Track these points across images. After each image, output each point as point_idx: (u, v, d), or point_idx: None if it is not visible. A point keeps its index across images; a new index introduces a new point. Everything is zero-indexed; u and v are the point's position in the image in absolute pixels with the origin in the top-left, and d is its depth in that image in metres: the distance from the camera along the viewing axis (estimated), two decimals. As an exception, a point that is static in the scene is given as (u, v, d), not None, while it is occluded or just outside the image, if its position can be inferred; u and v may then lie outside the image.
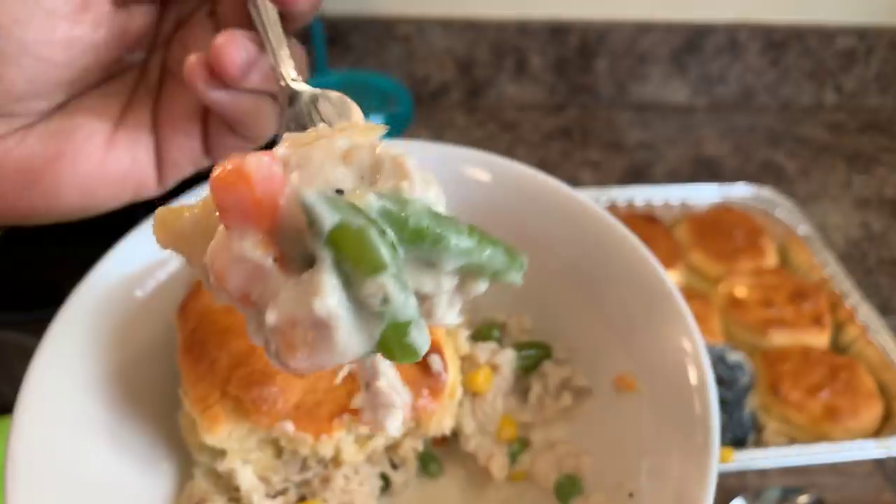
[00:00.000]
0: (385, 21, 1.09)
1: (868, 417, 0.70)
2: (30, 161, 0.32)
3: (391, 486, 0.42)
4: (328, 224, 0.23)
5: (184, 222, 0.26)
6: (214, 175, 0.24)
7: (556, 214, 0.44)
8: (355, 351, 0.24)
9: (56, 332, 0.38)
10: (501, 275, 0.27)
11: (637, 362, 0.40)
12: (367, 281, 0.23)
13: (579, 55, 1.14)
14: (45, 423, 0.35)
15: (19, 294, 0.75)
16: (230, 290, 0.25)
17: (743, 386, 0.71)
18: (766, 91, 1.20)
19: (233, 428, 0.35)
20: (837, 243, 0.96)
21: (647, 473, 0.36)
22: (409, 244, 0.24)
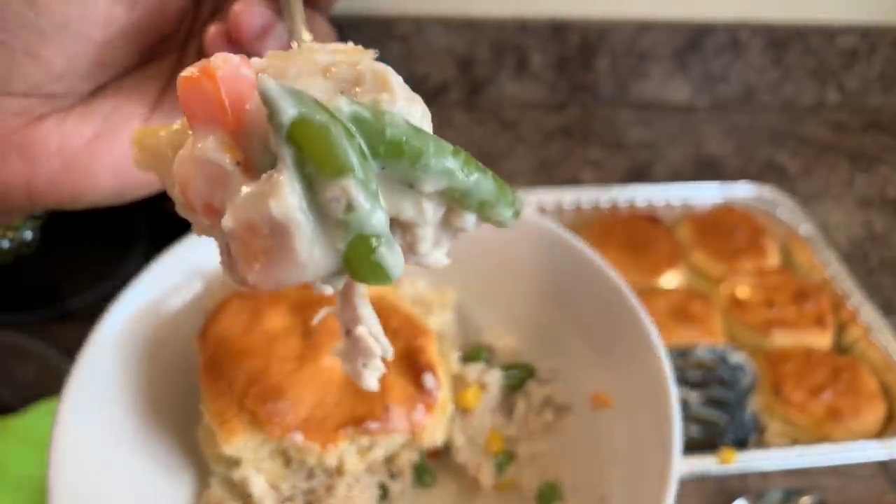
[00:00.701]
0: (384, 19, 1.08)
1: (870, 418, 0.69)
2: (68, 141, 0.33)
3: (389, 494, 0.45)
4: (288, 116, 0.21)
5: (160, 141, 0.25)
6: (182, 74, 0.23)
7: (540, 248, 0.48)
8: (319, 265, 0.23)
9: (89, 354, 0.41)
10: (490, 208, 0.25)
11: (611, 381, 0.45)
12: (329, 183, 0.21)
13: (580, 54, 1.13)
14: (83, 432, 0.39)
15: (17, 295, 0.75)
16: (193, 198, 0.24)
17: (745, 387, 0.71)
18: (768, 90, 1.19)
19: (248, 438, 0.39)
20: (840, 243, 0.95)
21: (617, 479, 0.41)
22: (385, 158, 0.23)
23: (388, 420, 0.40)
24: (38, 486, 0.58)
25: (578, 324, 0.47)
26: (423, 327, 0.45)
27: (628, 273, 0.81)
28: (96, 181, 0.34)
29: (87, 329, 0.46)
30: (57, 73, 0.31)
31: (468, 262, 0.49)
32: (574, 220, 0.90)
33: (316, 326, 0.43)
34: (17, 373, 0.68)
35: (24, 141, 0.32)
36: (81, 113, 0.33)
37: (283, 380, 0.40)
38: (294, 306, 0.44)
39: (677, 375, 0.71)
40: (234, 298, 0.44)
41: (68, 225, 0.43)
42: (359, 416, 0.40)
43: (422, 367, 0.42)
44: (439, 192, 0.24)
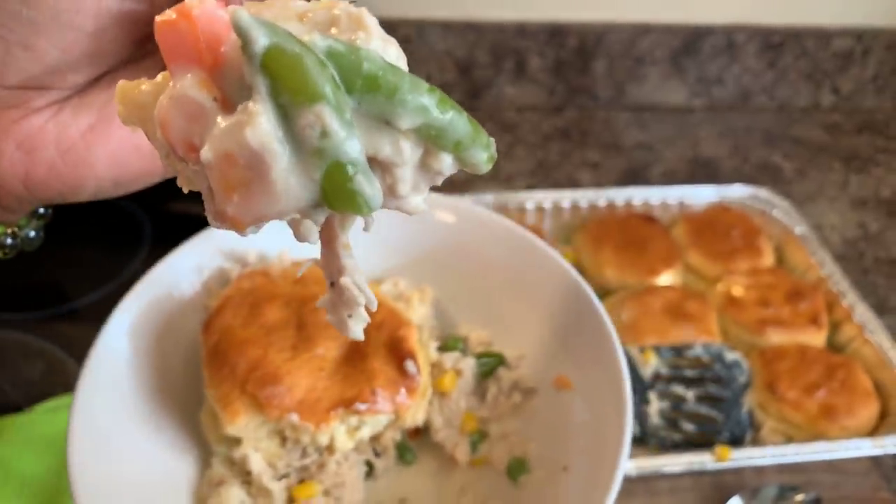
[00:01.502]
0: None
1: (864, 416, 0.70)
2: (65, 132, 0.33)
3: (374, 471, 0.49)
4: (260, 46, 0.21)
5: (143, 94, 0.26)
6: (158, 17, 0.24)
7: (508, 249, 0.53)
8: (296, 196, 0.23)
9: (102, 345, 0.45)
10: (466, 148, 0.26)
11: (572, 367, 0.50)
12: (303, 110, 0.22)
13: (578, 57, 1.14)
14: (98, 416, 0.43)
15: (22, 294, 0.76)
16: (173, 137, 0.24)
17: (740, 385, 0.72)
18: (764, 92, 1.20)
19: (249, 419, 0.43)
20: (834, 243, 0.96)
21: (578, 452, 0.46)
22: (361, 92, 0.23)
23: (375, 402, 0.44)
24: (44, 484, 0.59)
25: (542, 316, 0.52)
26: (405, 319, 0.49)
27: (625, 272, 0.82)
28: (94, 171, 0.34)
29: (92, 327, 0.47)
30: (51, 65, 0.31)
31: (444, 262, 0.55)
32: (572, 221, 0.90)
33: (308, 319, 0.47)
34: (22, 371, 0.69)
35: (21, 132, 0.32)
36: (77, 104, 0.34)
37: (280, 367, 0.44)
38: (288, 302, 0.48)
39: (673, 373, 0.71)
40: (235, 295, 0.48)
41: (74, 224, 0.44)
42: (348, 399, 0.44)
43: (404, 355, 0.46)
44: (415, 129, 0.24)
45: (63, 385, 0.67)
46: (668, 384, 0.71)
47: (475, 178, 1.03)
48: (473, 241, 0.55)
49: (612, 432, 0.43)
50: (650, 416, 0.69)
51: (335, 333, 0.46)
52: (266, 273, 0.50)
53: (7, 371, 0.69)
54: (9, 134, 0.32)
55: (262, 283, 0.49)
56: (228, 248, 0.53)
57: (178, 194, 0.43)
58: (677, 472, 0.65)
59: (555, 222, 0.90)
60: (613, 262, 0.83)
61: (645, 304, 0.77)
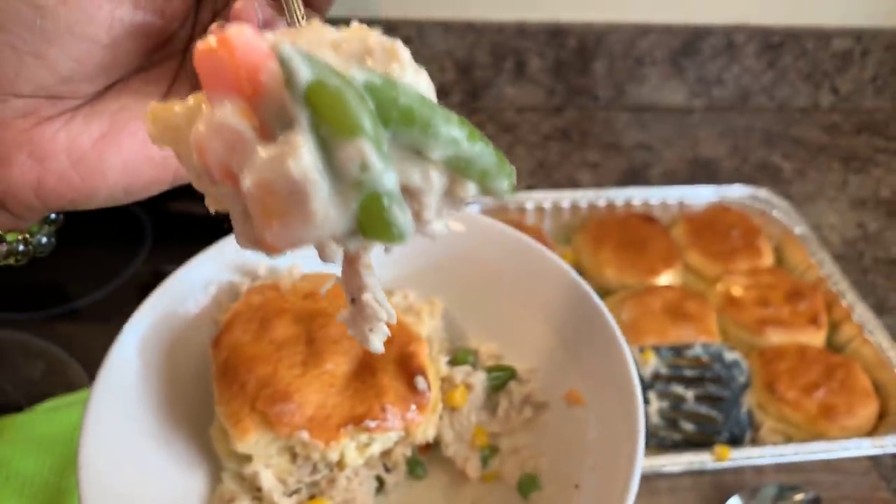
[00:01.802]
0: (385, 23, 1.09)
1: (864, 416, 0.70)
2: (76, 141, 0.33)
3: (385, 486, 0.49)
4: (304, 79, 0.22)
5: (175, 116, 0.26)
6: (198, 44, 0.24)
7: (517, 261, 0.53)
8: (333, 224, 0.23)
9: (112, 360, 0.45)
10: (490, 178, 0.26)
11: (583, 381, 0.49)
12: (345, 143, 0.22)
13: (578, 57, 1.14)
14: (109, 431, 0.43)
15: (23, 294, 0.76)
16: (211, 163, 0.24)
17: (740, 384, 0.72)
18: (763, 92, 1.21)
19: (259, 437, 0.42)
20: (834, 243, 0.96)
21: (589, 468, 0.45)
22: (397, 125, 0.24)
23: (385, 419, 0.44)
24: (45, 483, 0.59)
25: (553, 328, 0.51)
26: (415, 334, 0.49)
27: (625, 272, 0.82)
28: (105, 179, 0.34)
29: (93, 327, 0.48)
30: (63, 75, 0.32)
31: (453, 273, 0.55)
32: (571, 221, 0.90)
33: (317, 334, 0.46)
34: (23, 371, 0.69)
35: (33, 141, 0.33)
36: (89, 113, 0.34)
37: (291, 384, 0.43)
38: (298, 317, 0.47)
39: (673, 373, 0.71)
40: (244, 310, 0.48)
41: (75, 224, 0.44)
42: (358, 416, 0.43)
43: (414, 371, 0.46)
44: (445, 160, 0.25)
45: (64, 385, 0.67)
46: (667, 384, 0.71)
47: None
48: (482, 251, 0.54)
49: (623, 450, 0.43)
50: (650, 415, 0.69)
51: (345, 349, 0.46)
52: (276, 287, 0.50)
53: (8, 371, 0.69)
54: (21, 143, 0.32)
55: (272, 297, 0.49)
56: (239, 262, 0.52)
57: (179, 194, 0.43)
58: (677, 472, 0.65)
59: (554, 222, 0.90)
60: (613, 263, 0.83)
61: (644, 304, 0.77)
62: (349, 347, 0.46)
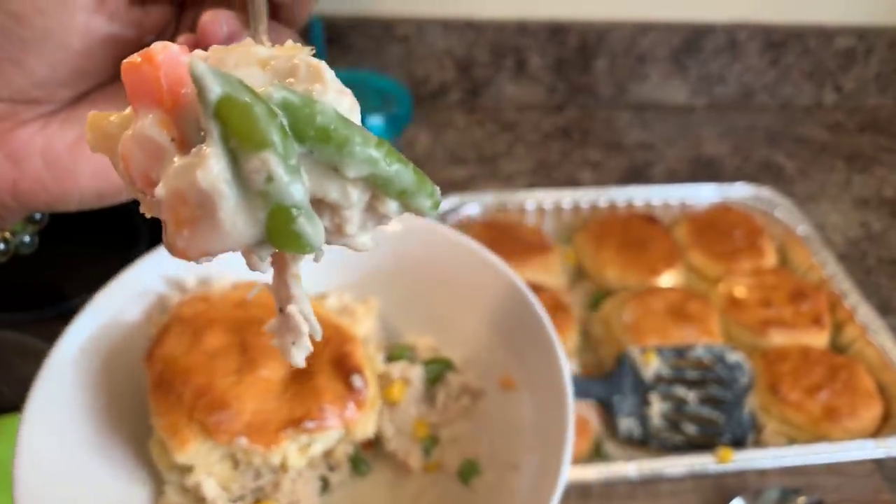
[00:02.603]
0: (384, 21, 1.09)
1: (867, 417, 0.70)
2: (51, 144, 0.34)
3: (329, 485, 0.50)
4: (214, 95, 0.23)
5: (110, 125, 0.27)
6: (124, 62, 0.25)
7: (449, 256, 0.55)
8: (242, 234, 0.24)
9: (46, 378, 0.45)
10: (411, 196, 0.27)
11: (517, 367, 0.51)
12: (251, 156, 0.23)
13: (579, 55, 1.14)
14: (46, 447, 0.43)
15: (19, 294, 0.76)
16: (133, 171, 0.26)
17: (742, 386, 0.72)
18: (766, 91, 1.20)
19: (199, 446, 0.43)
20: (837, 243, 0.96)
21: (526, 449, 0.47)
22: (313, 142, 0.25)
23: (324, 419, 0.45)
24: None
25: (486, 319, 0.53)
26: (350, 334, 0.50)
27: (626, 272, 0.82)
28: (78, 182, 0.35)
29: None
30: (39, 80, 0.33)
31: (388, 273, 0.56)
32: (572, 221, 0.90)
33: (251, 342, 0.47)
34: (17, 371, 0.68)
35: (9, 143, 0.34)
36: (64, 118, 0.35)
37: (226, 392, 0.44)
38: (230, 327, 0.48)
39: (675, 375, 0.71)
40: (175, 323, 0.49)
41: (70, 224, 0.44)
42: (297, 418, 0.44)
43: (350, 370, 0.47)
44: (363, 178, 0.26)
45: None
46: (669, 385, 0.71)
47: (475, 178, 1.03)
48: (415, 249, 0.56)
49: (556, 429, 0.45)
50: (652, 417, 0.69)
51: (279, 355, 0.46)
52: (206, 298, 0.50)
53: (3, 371, 0.69)
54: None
55: (203, 308, 0.49)
56: (168, 275, 0.52)
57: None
58: (679, 475, 0.65)
59: (555, 222, 0.90)
60: (615, 262, 0.82)
61: (646, 305, 0.76)
62: None
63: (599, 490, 0.65)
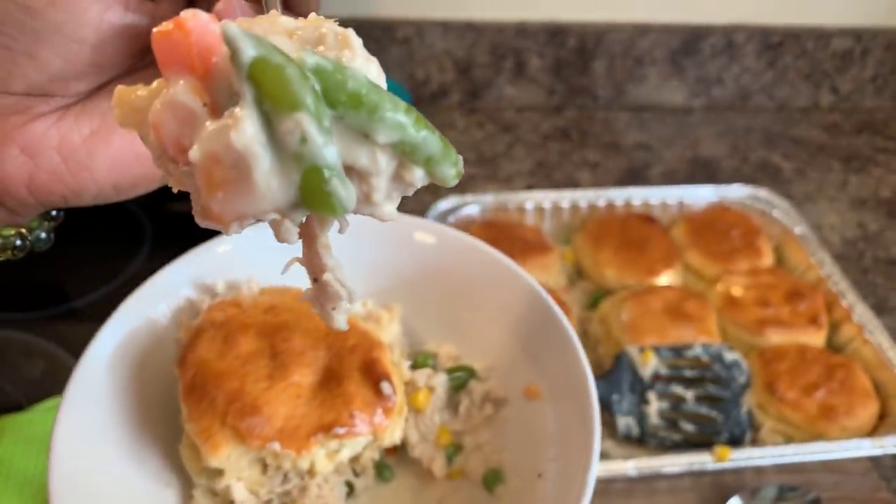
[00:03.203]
0: (385, 23, 1.09)
1: (864, 416, 0.70)
2: (67, 137, 0.35)
3: (354, 490, 0.50)
4: (247, 56, 0.23)
5: (139, 99, 0.27)
6: (155, 30, 0.25)
7: (471, 264, 0.55)
8: (276, 196, 0.24)
9: (78, 381, 0.45)
10: (436, 164, 0.27)
11: (540, 376, 0.51)
12: (285, 117, 0.23)
13: (578, 57, 1.14)
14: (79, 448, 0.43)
15: (23, 294, 0.76)
16: (165, 138, 0.26)
17: (740, 385, 0.72)
18: (763, 92, 1.21)
19: (231, 451, 0.43)
20: (834, 243, 0.96)
21: (551, 458, 0.47)
22: (345, 107, 0.25)
23: (354, 425, 0.45)
24: (44, 483, 0.59)
25: (508, 328, 0.53)
26: (378, 341, 0.50)
27: (624, 272, 0.82)
28: (95, 175, 0.35)
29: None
30: (54, 74, 0.33)
31: (408, 280, 0.56)
32: (571, 221, 0.91)
33: (280, 347, 0.47)
34: (23, 371, 0.69)
35: (25, 137, 0.34)
36: (79, 111, 0.35)
37: (259, 397, 0.44)
38: (261, 332, 0.48)
39: (673, 373, 0.71)
40: (207, 327, 0.48)
41: (75, 224, 0.45)
42: (328, 424, 0.44)
43: (379, 376, 0.47)
44: (392, 144, 0.26)
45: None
46: (667, 384, 0.71)
47: (475, 178, 1.04)
48: (435, 257, 0.56)
49: (582, 437, 0.45)
50: (649, 416, 0.69)
51: (309, 360, 0.47)
52: (237, 303, 0.50)
53: (8, 370, 0.69)
54: (13, 138, 0.34)
55: (234, 313, 0.49)
56: (197, 280, 0.52)
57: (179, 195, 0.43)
58: (677, 473, 0.65)
59: (554, 222, 0.90)
60: (613, 263, 0.83)
61: (644, 304, 0.77)
62: (313, 359, 0.47)
63: (598, 487, 0.65)
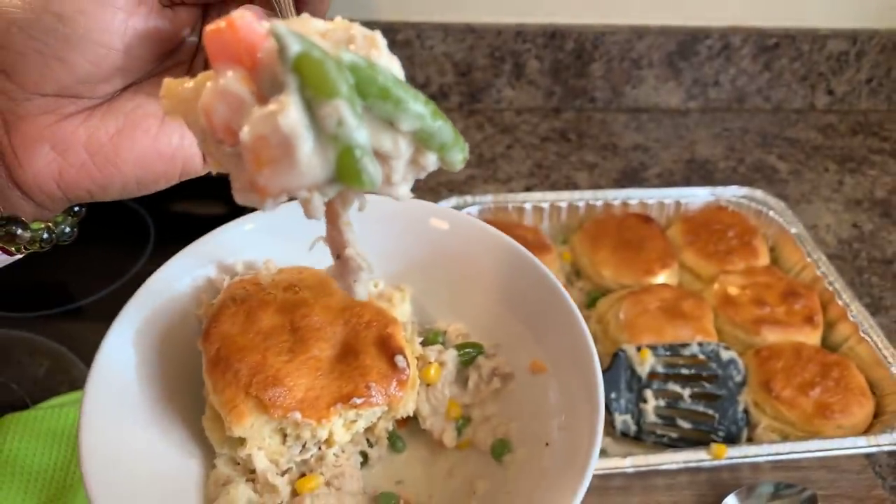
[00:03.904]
0: (385, 26, 1.10)
1: (859, 414, 0.71)
2: (94, 135, 0.37)
3: (368, 460, 0.53)
4: (293, 51, 0.27)
5: (186, 90, 0.31)
6: (208, 27, 0.29)
7: (478, 245, 0.57)
8: (315, 172, 0.28)
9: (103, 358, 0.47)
10: (447, 149, 0.31)
11: (545, 351, 0.53)
12: (325, 103, 0.27)
13: (575, 59, 1.15)
14: (107, 421, 0.45)
15: (28, 293, 0.76)
16: (216, 122, 0.29)
17: (736, 383, 0.73)
18: (759, 94, 1.21)
19: (254, 420, 0.45)
20: (829, 243, 0.97)
21: (557, 428, 0.49)
22: (374, 99, 0.29)
23: (370, 395, 0.47)
24: (51, 479, 0.60)
25: (515, 308, 0.55)
26: (392, 317, 0.52)
27: (622, 272, 0.83)
28: (120, 171, 0.38)
29: (96, 326, 0.49)
30: (83, 76, 0.36)
31: (419, 261, 0.58)
32: (569, 222, 0.91)
33: (299, 323, 0.49)
34: (28, 369, 0.70)
35: (56, 135, 0.36)
36: (106, 111, 0.38)
37: (280, 369, 0.47)
38: (281, 308, 0.50)
39: (670, 372, 0.72)
40: (229, 303, 0.50)
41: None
42: (346, 394, 0.46)
43: (393, 351, 0.49)
44: (412, 131, 0.30)
45: (68, 382, 0.68)
46: (664, 382, 0.72)
47: (474, 179, 1.04)
48: (442, 238, 0.58)
49: (586, 409, 0.47)
50: (647, 413, 0.70)
51: (327, 336, 0.49)
52: (256, 281, 0.52)
53: (13, 369, 0.70)
54: (44, 136, 0.36)
55: (254, 290, 0.51)
56: (216, 259, 0.55)
57: (182, 195, 0.45)
58: (674, 470, 0.66)
59: (552, 223, 0.91)
60: (610, 263, 0.83)
61: (641, 304, 0.77)
62: (331, 334, 0.49)
63: (595, 483, 0.66)
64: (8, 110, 0.36)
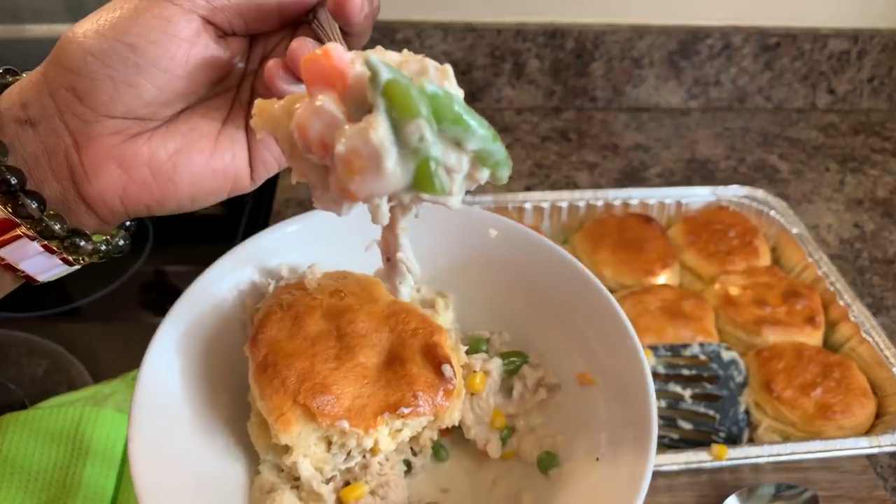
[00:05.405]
0: (385, 25, 1.10)
1: (861, 415, 0.71)
2: (155, 155, 0.41)
3: (412, 468, 0.53)
4: (384, 77, 0.32)
5: (276, 110, 0.36)
6: (304, 56, 0.34)
7: (522, 253, 0.57)
8: (397, 180, 0.33)
9: (151, 363, 0.47)
10: (499, 167, 0.36)
11: (593, 362, 0.53)
12: (408, 122, 0.32)
13: (576, 59, 1.15)
14: (154, 426, 0.46)
15: (25, 294, 0.76)
16: (311, 137, 0.34)
17: (737, 384, 0.73)
18: (760, 93, 1.21)
19: (301, 428, 0.45)
20: (830, 243, 0.97)
21: (606, 443, 0.49)
22: (448, 123, 0.34)
23: (418, 405, 0.46)
24: (49, 479, 0.59)
25: (563, 318, 0.55)
26: (438, 326, 0.51)
27: (622, 272, 0.83)
28: (177, 187, 0.42)
29: (93, 326, 0.48)
30: (148, 100, 0.39)
31: (462, 267, 0.58)
32: (569, 222, 0.91)
33: (345, 330, 0.49)
34: (26, 369, 0.69)
35: (121, 154, 0.40)
36: (165, 132, 0.41)
37: (328, 377, 0.46)
38: (327, 314, 0.50)
39: (671, 372, 0.72)
40: (276, 308, 0.50)
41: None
42: (393, 403, 0.46)
43: (440, 360, 0.49)
44: (475, 151, 0.35)
45: (66, 382, 0.68)
46: (665, 383, 0.72)
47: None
48: (489, 247, 0.58)
49: (639, 422, 0.47)
50: (648, 414, 0.70)
51: (373, 342, 0.49)
52: (302, 286, 0.52)
53: (11, 369, 0.69)
54: (112, 155, 0.40)
55: (300, 296, 0.51)
56: (260, 264, 0.55)
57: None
58: (675, 471, 0.66)
59: (553, 223, 0.91)
60: (611, 263, 0.83)
61: (642, 304, 0.77)
62: (377, 341, 0.49)
63: (597, 485, 0.66)
64: (80, 131, 0.39)
